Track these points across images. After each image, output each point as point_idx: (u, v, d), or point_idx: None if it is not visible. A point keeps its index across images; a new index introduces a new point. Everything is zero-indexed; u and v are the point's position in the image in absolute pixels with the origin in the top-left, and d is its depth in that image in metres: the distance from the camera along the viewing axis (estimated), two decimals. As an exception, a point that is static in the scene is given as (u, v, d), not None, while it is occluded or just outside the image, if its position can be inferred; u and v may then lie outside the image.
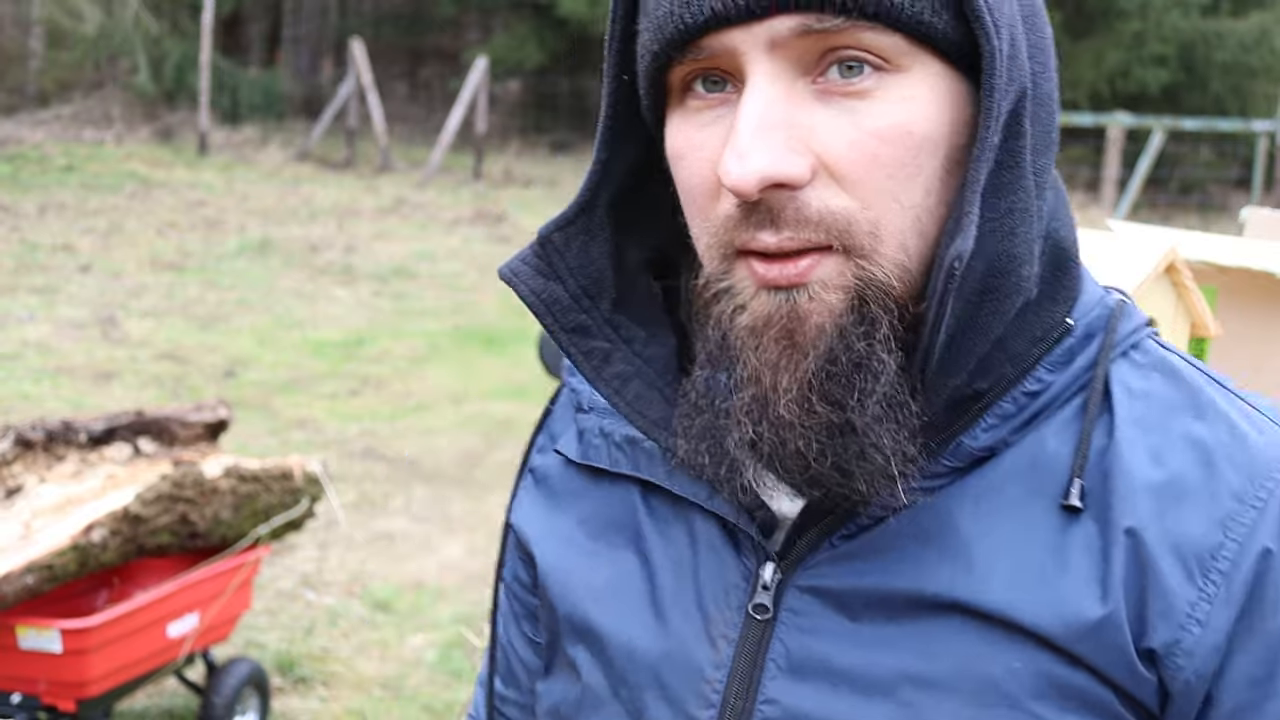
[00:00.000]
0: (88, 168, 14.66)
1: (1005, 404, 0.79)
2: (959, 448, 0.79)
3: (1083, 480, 0.77)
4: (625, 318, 0.88)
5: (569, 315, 0.87)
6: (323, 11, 23.25)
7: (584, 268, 0.87)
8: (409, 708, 4.23)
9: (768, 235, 0.73)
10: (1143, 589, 0.75)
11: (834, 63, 0.73)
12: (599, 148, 0.85)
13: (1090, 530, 0.77)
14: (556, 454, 0.97)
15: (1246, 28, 20.34)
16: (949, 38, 0.74)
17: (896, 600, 0.78)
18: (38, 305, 9.20)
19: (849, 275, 0.73)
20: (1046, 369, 0.79)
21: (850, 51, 0.73)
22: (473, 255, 12.28)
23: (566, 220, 0.86)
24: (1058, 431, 0.79)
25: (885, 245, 0.74)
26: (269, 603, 4.87)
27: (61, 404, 6.96)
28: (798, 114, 0.73)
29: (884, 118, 0.73)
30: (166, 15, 19.89)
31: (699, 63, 0.76)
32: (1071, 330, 0.80)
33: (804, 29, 0.72)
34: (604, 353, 0.87)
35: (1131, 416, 0.79)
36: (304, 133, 18.48)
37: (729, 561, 0.84)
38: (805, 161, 0.72)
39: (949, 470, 0.79)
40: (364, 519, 5.82)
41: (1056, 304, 0.80)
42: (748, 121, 0.72)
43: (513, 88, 22.49)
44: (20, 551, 3.26)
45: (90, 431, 3.76)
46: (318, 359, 8.54)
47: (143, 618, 3.48)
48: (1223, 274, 1.94)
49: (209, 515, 3.65)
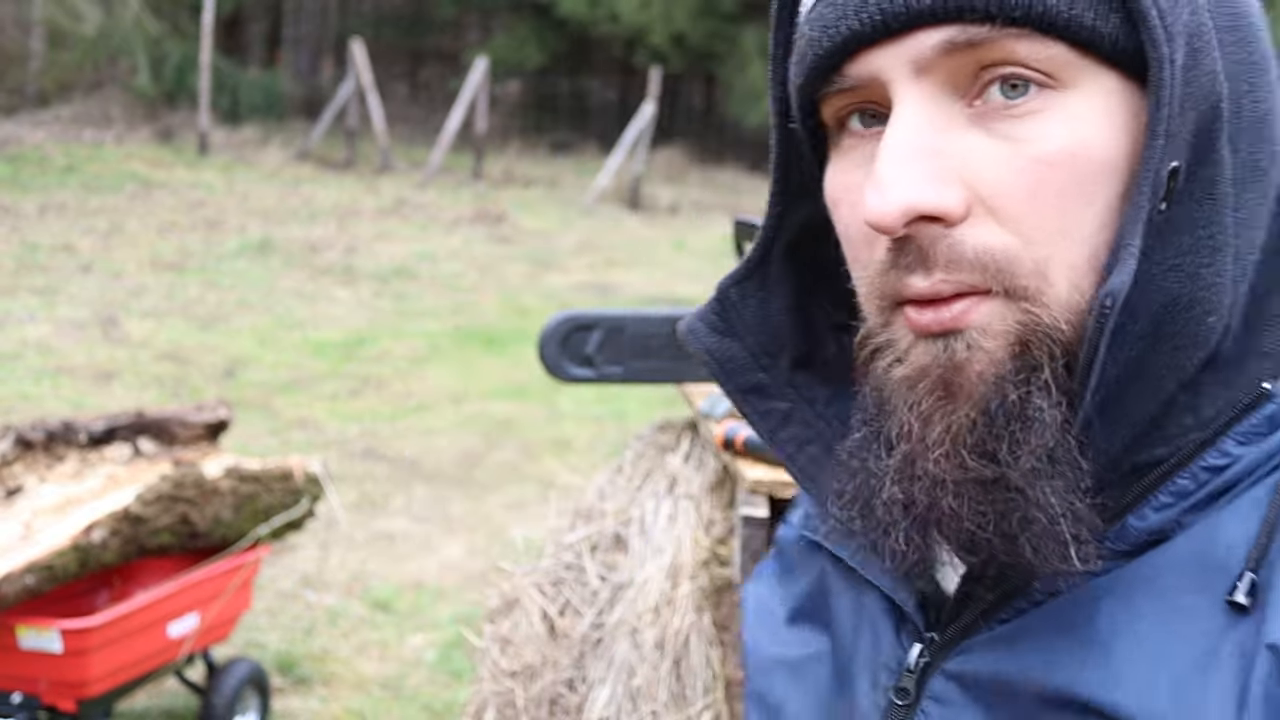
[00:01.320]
0: (88, 168, 14.66)
1: (1183, 479, 0.68)
2: (1124, 528, 0.68)
3: (1256, 575, 0.65)
4: (808, 376, 0.82)
5: (746, 375, 0.81)
6: (323, 12, 23.25)
7: (763, 324, 0.81)
8: (409, 708, 4.23)
9: (919, 279, 0.66)
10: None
11: (993, 82, 0.66)
12: (771, 202, 0.80)
13: (1249, 631, 0.64)
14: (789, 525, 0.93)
15: (1246, 28, 20.33)
16: (1120, 45, 0.65)
17: (1026, 694, 0.69)
18: (38, 305, 9.20)
19: (1011, 320, 0.66)
20: (1237, 440, 0.68)
21: (1009, 69, 0.65)
22: (473, 256, 12.28)
23: (743, 275, 0.81)
24: (1242, 516, 0.66)
25: (1054, 286, 0.65)
26: (269, 603, 4.87)
27: (62, 404, 6.96)
28: (948, 141, 0.66)
29: (1049, 141, 0.65)
30: (167, 16, 19.89)
31: (847, 95, 0.70)
32: (1273, 396, 0.69)
33: (949, 44, 0.65)
34: (783, 414, 0.81)
35: None
36: (304, 133, 18.49)
37: (886, 638, 0.78)
38: (956, 193, 0.65)
39: (1110, 554, 0.68)
40: (364, 519, 5.82)
41: (1252, 363, 0.69)
42: (889, 150, 0.65)
43: (513, 88, 22.50)
44: (21, 551, 3.26)
45: (91, 432, 3.76)
46: (318, 359, 8.54)
47: (143, 618, 3.48)
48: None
49: (209, 515, 3.65)
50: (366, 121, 17.64)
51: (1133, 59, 0.66)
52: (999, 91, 0.66)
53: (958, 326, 0.66)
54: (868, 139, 0.71)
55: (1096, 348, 0.63)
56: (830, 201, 0.73)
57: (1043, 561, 0.65)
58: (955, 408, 0.66)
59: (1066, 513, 0.65)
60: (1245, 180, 0.68)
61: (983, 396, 0.66)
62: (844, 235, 0.73)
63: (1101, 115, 0.66)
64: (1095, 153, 0.65)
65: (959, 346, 0.66)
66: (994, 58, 0.65)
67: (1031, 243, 0.65)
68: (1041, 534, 0.65)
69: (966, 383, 0.66)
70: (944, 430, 0.66)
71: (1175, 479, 0.68)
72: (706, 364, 0.81)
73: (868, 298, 0.71)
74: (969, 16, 0.64)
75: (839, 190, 0.72)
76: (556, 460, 6.60)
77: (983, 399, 0.66)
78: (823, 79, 0.70)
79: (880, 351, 0.70)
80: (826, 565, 0.85)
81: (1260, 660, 0.63)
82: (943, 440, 0.66)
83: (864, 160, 0.70)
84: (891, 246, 0.67)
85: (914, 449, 0.67)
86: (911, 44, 0.66)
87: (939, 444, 0.66)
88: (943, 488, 0.66)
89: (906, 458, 0.68)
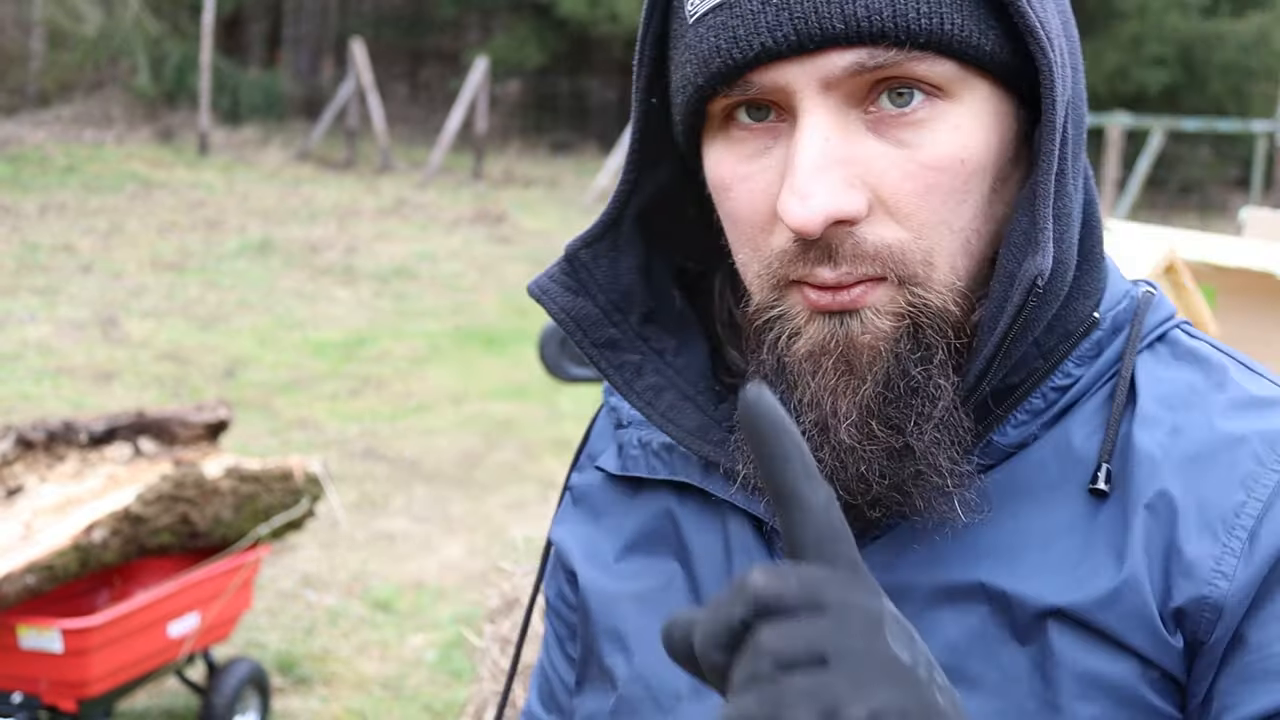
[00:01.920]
0: (88, 168, 14.66)
1: (1035, 400, 0.79)
2: (989, 445, 0.79)
3: (1110, 465, 0.77)
4: (656, 329, 0.89)
5: (599, 330, 0.87)
6: (323, 12, 23.26)
7: (613, 283, 0.87)
8: (409, 708, 4.23)
9: (826, 270, 0.74)
10: (1166, 553, 0.75)
11: (884, 90, 0.73)
12: (627, 168, 0.86)
13: (1115, 512, 0.77)
14: (597, 470, 0.97)
15: (1246, 29, 20.34)
16: (998, 59, 0.74)
17: (920, 594, 0.78)
18: (39, 306, 9.20)
19: (901, 301, 0.75)
20: (1074, 363, 0.80)
21: (900, 81, 0.73)
22: (473, 256, 12.28)
23: (594, 237, 0.87)
24: (1084, 423, 0.79)
25: (938, 271, 0.75)
26: (269, 603, 4.87)
27: (62, 404, 6.97)
28: (853, 149, 0.73)
29: (937, 148, 0.73)
30: (167, 16, 19.90)
31: (745, 95, 0.76)
32: (1099, 324, 0.81)
33: (859, 66, 0.72)
34: (635, 366, 0.87)
35: (1155, 398, 0.79)
36: (304, 133, 18.49)
37: (761, 561, 0.84)
38: (862, 197, 0.73)
39: (980, 468, 0.79)
40: (364, 519, 5.82)
41: (1085, 298, 0.80)
42: (807, 160, 0.72)
43: (513, 88, 22.50)
44: (21, 551, 3.27)
45: (91, 432, 3.76)
46: (318, 359, 8.54)
47: (143, 617, 3.48)
48: (1222, 274, 1.94)
49: (209, 515, 3.66)
50: (366, 121, 17.64)
51: (1005, 68, 0.74)
52: (888, 99, 0.74)
53: (855, 307, 0.75)
54: (758, 133, 0.77)
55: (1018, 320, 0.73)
56: (717, 185, 0.79)
57: (931, 511, 0.76)
58: (860, 383, 0.75)
59: (954, 471, 0.75)
60: (1077, 152, 0.78)
61: (884, 373, 0.75)
62: (733, 219, 0.79)
63: (979, 122, 0.74)
64: (974, 156, 0.74)
65: (855, 325, 0.75)
66: (894, 74, 0.73)
67: (920, 236, 0.74)
68: (933, 490, 0.75)
69: (865, 357, 0.75)
70: (851, 404, 0.75)
71: (1029, 400, 0.79)
72: (562, 322, 0.87)
73: (761, 276, 0.78)
74: (880, 42, 0.71)
75: (730, 178, 0.78)
76: (556, 460, 6.61)
77: (885, 375, 0.75)
78: (725, 83, 0.75)
79: (772, 324, 0.78)
80: (672, 502, 0.90)
81: (1138, 519, 0.76)
82: (850, 413, 0.75)
83: (756, 154, 0.77)
84: (798, 240, 0.74)
85: (824, 418, 0.76)
86: (822, 63, 0.72)
87: (847, 416, 0.75)
88: (852, 454, 0.75)
89: (817, 425, 0.76)
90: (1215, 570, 0.73)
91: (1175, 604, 0.74)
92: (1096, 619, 0.75)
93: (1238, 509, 0.74)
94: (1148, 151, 15.43)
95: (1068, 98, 0.75)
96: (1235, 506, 0.75)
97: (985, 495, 0.79)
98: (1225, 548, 0.74)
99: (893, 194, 0.73)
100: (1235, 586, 0.73)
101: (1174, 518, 0.75)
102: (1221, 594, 0.73)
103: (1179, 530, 0.75)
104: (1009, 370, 0.78)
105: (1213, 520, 0.75)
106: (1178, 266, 1.77)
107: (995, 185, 0.76)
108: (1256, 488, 0.75)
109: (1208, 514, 0.75)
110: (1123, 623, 0.75)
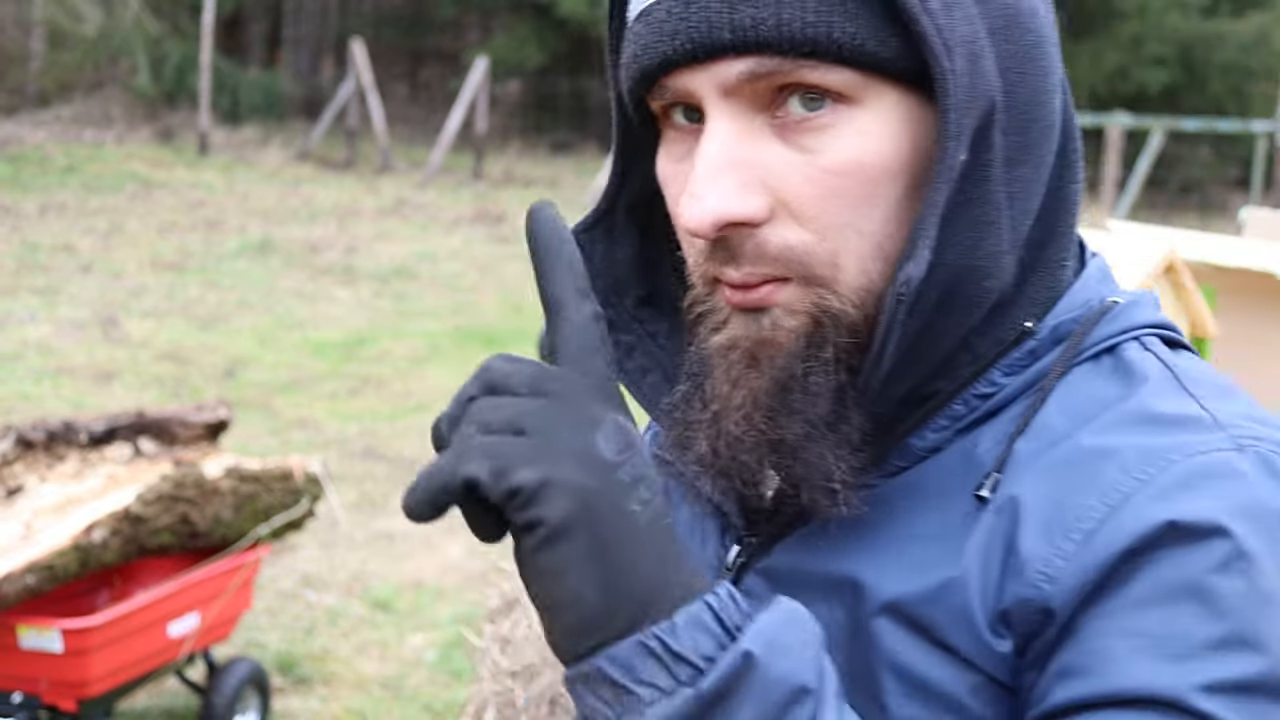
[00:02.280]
0: (88, 168, 14.66)
1: (957, 405, 0.80)
2: (906, 447, 0.80)
3: (999, 474, 0.77)
4: (652, 312, 0.91)
5: None
6: (323, 12, 23.26)
7: (610, 268, 0.90)
8: (409, 708, 4.23)
9: (731, 270, 0.77)
10: (1004, 555, 0.74)
11: (793, 95, 0.74)
12: (615, 160, 0.89)
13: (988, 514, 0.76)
14: None
15: (1245, 29, 20.35)
16: (900, 65, 0.74)
17: (814, 583, 0.81)
18: (39, 306, 9.21)
19: (808, 302, 0.76)
20: (1002, 372, 0.80)
21: (805, 88, 0.74)
22: (473, 256, 12.28)
23: (590, 224, 0.90)
24: (996, 431, 0.79)
25: (845, 273, 0.76)
26: (269, 603, 4.87)
27: (62, 404, 6.97)
28: (755, 152, 0.75)
29: (839, 153, 0.74)
30: (167, 16, 19.90)
31: (664, 100, 0.79)
32: (1035, 334, 0.80)
33: (751, 74, 0.74)
34: (628, 346, 0.90)
35: (1061, 409, 0.78)
36: (304, 133, 18.50)
37: (712, 541, 0.89)
38: (761, 200, 0.75)
39: (897, 470, 0.80)
40: (364, 519, 5.82)
41: (1020, 308, 0.80)
42: (703, 163, 0.74)
43: (513, 88, 22.50)
44: (21, 551, 3.27)
45: (91, 431, 3.76)
46: (318, 359, 8.54)
47: (143, 617, 3.48)
48: (1222, 274, 1.94)
49: (209, 515, 3.66)
50: (366, 121, 17.65)
51: (913, 74, 0.74)
52: (799, 103, 0.75)
53: (764, 305, 0.77)
54: (687, 134, 0.79)
55: (893, 328, 0.74)
56: (661, 180, 0.82)
57: (815, 506, 0.77)
58: (757, 376, 0.77)
59: (836, 468, 0.76)
60: (1017, 160, 0.77)
61: (778, 368, 0.77)
62: (671, 214, 0.82)
63: (887, 127, 0.75)
64: (880, 160, 0.74)
65: (765, 322, 0.77)
66: (791, 82, 0.74)
67: (825, 239, 0.75)
68: (814, 487, 0.77)
69: (768, 355, 0.77)
70: (745, 395, 0.78)
71: (951, 405, 0.80)
72: None
73: (693, 271, 0.81)
74: (766, 51, 0.73)
75: (666, 175, 0.81)
76: (556, 460, 6.60)
77: (777, 370, 0.77)
78: (645, 88, 0.79)
79: (704, 317, 0.81)
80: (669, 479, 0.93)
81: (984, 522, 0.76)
82: (743, 404, 0.78)
83: (683, 155, 0.79)
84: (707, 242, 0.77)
85: (722, 409, 0.78)
86: (718, 70, 0.74)
87: (740, 407, 0.78)
88: (738, 444, 0.78)
89: (715, 416, 0.79)
90: (1041, 572, 0.72)
91: (1003, 606, 0.73)
92: (920, 613, 0.75)
93: (1082, 513, 0.72)
94: (1148, 151, 15.44)
95: (987, 103, 0.74)
96: (1081, 510, 0.73)
97: (886, 496, 0.80)
98: (1057, 550, 0.72)
99: (795, 198, 0.75)
100: (1059, 589, 0.71)
101: (1017, 520, 0.74)
102: (1045, 596, 0.71)
103: (1019, 532, 0.74)
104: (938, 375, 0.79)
105: (1054, 523, 0.73)
106: (1178, 266, 1.77)
107: (911, 190, 0.76)
108: (1110, 493, 0.72)
109: (1053, 518, 0.73)
110: (945, 619, 0.74)
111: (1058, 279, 0.82)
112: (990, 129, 0.74)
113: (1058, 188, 0.82)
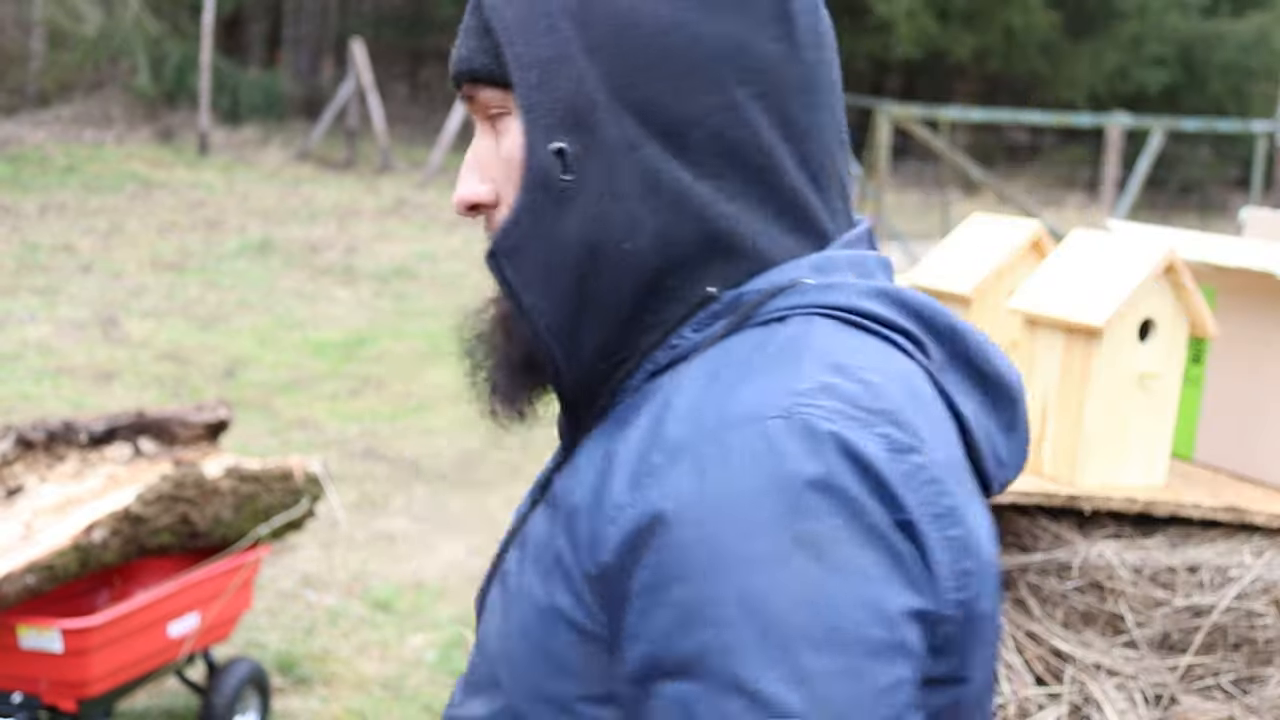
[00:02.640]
0: (88, 168, 14.66)
1: (659, 354, 0.96)
2: (624, 386, 0.98)
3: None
4: None
5: None
6: (323, 12, 23.26)
7: None
8: (409, 708, 4.23)
9: None
10: (599, 494, 0.91)
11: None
12: None
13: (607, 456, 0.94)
14: None
15: (1245, 29, 20.35)
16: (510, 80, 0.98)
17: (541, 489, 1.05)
18: (39, 306, 9.21)
19: None
20: (692, 329, 0.95)
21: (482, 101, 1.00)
22: (474, 256, 12.28)
23: None
24: (675, 375, 0.94)
25: None
26: (269, 603, 4.87)
27: (62, 404, 6.97)
28: (484, 153, 1.01)
29: (504, 150, 0.99)
30: (167, 16, 19.89)
31: None
32: (718, 299, 0.95)
33: (466, 96, 1.01)
34: None
35: (698, 361, 0.93)
36: (304, 133, 18.49)
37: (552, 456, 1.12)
38: (489, 189, 1.01)
39: (614, 403, 0.99)
40: (364, 519, 5.82)
41: (709, 281, 0.95)
42: (465, 160, 1.02)
43: (513, 88, 22.49)
44: (21, 551, 3.27)
45: (91, 431, 3.76)
46: (318, 359, 8.54)
47: (143, 617, 3.48)
48: (1222, 274, 1.94)
49: (209, 515, 3.66)
50: (367, 121, 17.64)
51: None
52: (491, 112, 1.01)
53: None
54: None
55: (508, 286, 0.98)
56: None
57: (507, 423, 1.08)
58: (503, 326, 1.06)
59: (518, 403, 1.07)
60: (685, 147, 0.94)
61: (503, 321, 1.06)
62: None
63: (518, 126, 0.97)
64: (517, 153, 0.97)
65: None
66: (476, 97, 1.00)
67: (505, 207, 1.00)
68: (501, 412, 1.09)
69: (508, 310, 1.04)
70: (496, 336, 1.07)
71: (654, 355, 0.96)
72: None
73: None
74: (462, 79, 1.00)
75: None
76: (556, 460, 6.60)
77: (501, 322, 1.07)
78: None
79: None
80: None
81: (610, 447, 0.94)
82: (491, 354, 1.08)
83: None
84: None
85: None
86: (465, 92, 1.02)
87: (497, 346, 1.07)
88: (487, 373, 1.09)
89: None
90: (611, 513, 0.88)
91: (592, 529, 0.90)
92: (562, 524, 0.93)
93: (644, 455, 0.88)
94: (1148, 151, 15.43)
95: (568, 106, 0.94)
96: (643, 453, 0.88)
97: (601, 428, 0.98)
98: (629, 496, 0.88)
99: (498, 185, 1.00)
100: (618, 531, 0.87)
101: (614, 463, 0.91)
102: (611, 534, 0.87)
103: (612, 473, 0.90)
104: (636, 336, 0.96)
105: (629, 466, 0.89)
106: (1178, 266, 1.77)
107: None
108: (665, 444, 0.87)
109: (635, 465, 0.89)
110: (573, 538, 0.91)
111: (751, 260, 0.96)
112: (594, 126, 0.93)
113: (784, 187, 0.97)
